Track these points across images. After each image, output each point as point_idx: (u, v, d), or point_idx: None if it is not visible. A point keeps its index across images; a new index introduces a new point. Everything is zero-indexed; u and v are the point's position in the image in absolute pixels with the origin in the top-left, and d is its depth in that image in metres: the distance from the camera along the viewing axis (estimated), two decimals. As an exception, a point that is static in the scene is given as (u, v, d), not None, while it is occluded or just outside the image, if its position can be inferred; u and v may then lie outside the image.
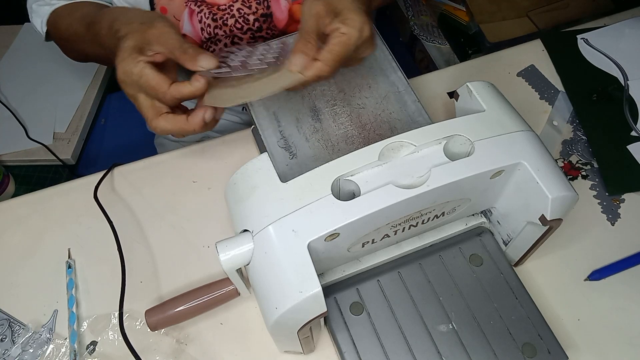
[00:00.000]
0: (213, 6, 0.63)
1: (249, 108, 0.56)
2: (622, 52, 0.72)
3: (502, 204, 0.49)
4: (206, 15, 0.64)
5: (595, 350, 0.50)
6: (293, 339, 0.43)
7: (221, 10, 0.64)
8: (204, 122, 0.49)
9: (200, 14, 0.64)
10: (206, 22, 0.64)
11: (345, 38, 0.45)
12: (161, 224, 0.59)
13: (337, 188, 0.41)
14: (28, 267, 0.57)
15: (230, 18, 0.64)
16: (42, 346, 0.52)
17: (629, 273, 0.54)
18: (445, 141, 0.43)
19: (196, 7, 0.63)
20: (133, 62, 0.46)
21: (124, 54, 0.47)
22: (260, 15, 0.65)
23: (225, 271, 0.41)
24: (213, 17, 0.64)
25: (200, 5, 0.63)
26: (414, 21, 1.35)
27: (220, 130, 0.85)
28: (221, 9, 0.64)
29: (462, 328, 0.47)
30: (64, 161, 1.11)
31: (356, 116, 0.55)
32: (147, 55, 0.47)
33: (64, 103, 1.18)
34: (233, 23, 0.65)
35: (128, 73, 0.47)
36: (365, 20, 0.46)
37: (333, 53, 0.45)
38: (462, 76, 0.71)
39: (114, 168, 0.64)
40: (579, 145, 0.64)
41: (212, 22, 0.64)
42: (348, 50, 0.46)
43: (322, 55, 0.45)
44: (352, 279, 0.50)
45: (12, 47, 1.28)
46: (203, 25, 0.64)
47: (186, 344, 0.51)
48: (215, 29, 0.65)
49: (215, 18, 0.64)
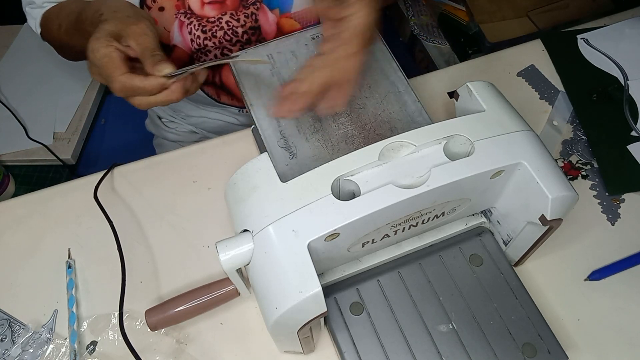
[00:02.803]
0: (202, 18, 0.64)
1: (249, 108, 0.56)
2: (622, 52, 0.72)
3: (502, 204, 0.49)
4: (196, 27, 0.64)
5: (595, 350, 0.50)
6: (293, 339, 0.43)
7: (210, 22, 0.64)
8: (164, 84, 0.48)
9: (190, 26, 0.64)
10: (196, 33, 0.65)
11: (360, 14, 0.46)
12: (161, 224, 0.59)
13: (337, 188, 0.41)
14: (28, 267, 0.57)
15: (219, 30, 0.65)
16: (42, 346, 0.52)
17: (629, 273, 0.54)
18: (445, 141, 0.43)
19: (186, 19, 0.64)
20: (104, 43, 0.46)
21: (99, 34, 0.47)
22: (248, 28, 0.66)
23: (225, 271, 0.41)
24: (202, 29, 0.64)
25: (190, 17, 0.63)
26: (414, 21, 1.35)
27: (219, 131, 0.85)
28: (210, 22, 0.64)
29: (462, 328, 0.47)
30: (64, 161, 1.12)
31: (356, 116, 0.55)
32: (121, 44, 0.47)
33: (64, 103, 1.18)
34: (222, 35, 0.66)
35: (94, 51, 0.46)
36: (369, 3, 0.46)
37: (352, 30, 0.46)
38: (462, 76, 0.71)
39: (114, 168, 0.64)
40: (579, 145, 0.64)
41: (201, 33, 0.65)
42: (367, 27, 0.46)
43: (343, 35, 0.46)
44: (352, 279, 0.50)
45: (12, 47, 1.28)
46: (193, 37, 0.65)
47: (186, 344, 0.51)
48: (204, 41, 0.65)
49: (205, 30, 0.65)
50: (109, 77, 0.47)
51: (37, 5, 0.64)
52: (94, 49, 0.47)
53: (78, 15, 0.56)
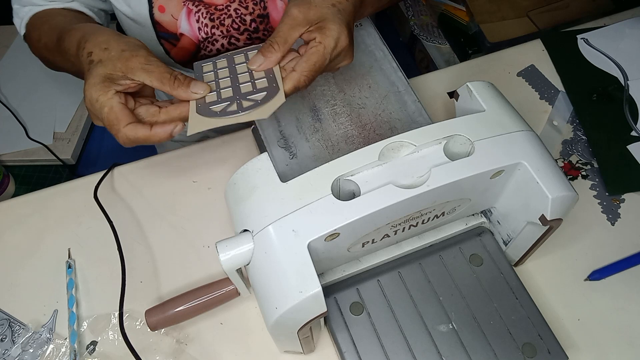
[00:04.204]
0: (210, 6, 0.63)
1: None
2: (622, 52, 0.72)
3: (502, 204, 0.49)
4: (204, 15, 0.64)
5: (595, 350, 0.50)
6: (293, 339, 0.43)
7: (218, 10, 0.64)
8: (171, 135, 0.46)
9: (198, 14, 0.64)
10: (203, 21, 0.64)
11: (321, 47, 0.46)
12: (161, 224, 0.59)
13: (337, 188, 0.41)
14: (28, 267, 0.57)
15: (227, 18, 0.65)
16: (42, 346, 0.52)
17: (629, 273, 0.54)
18: (445, 141, 0.43)
19: (194, 7, 0.63)
20: (102, 91, 0.44)
21: (94, 79, 0.45)
22: (257, 15, 0.65)
23: (225, 271, 0.41)
24: (210, 17, 0.64)
25: (198, 5, 0.63)
26: (414, 21, 1.35)
27: (220, 130, 0.85)
28: (218, 9, 0.64)
29: (462, 328, 0.47)
30: (64, 161, 1.12)
31: (356, 116, 0.55)
32: (120, 84, 0.45)
33: (64, 103, 1.18)
34: (230, 23, 0.65)
35: (92, 101, 0.45)
36: (342, 30, 0.46)
37: (309, 62, 0.46)
38: (462, 76, 0.71)
39: (114, 168, 0.64)
40: (579, 145, 0.64)
41: (209, 21, 0.64)
42: (324, 60, 0.46)
43: (298, 65, 0.46)
44: (352, 279, 0.50)
45: (12, 47, 1.28)
46: (200, 25, 0.65)
47: (186, 344, 0.51)
48: (212, 29, 0.65)
49: (213, 18, 0.64)
50: (111, 128, 0.45)
51: (27, 3, 0.62)
52: (93, 99, 0.45)
53: (60, 39, 0.53)
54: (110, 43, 0.46)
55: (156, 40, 0.66)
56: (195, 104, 0.46)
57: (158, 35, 0.65)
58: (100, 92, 0.44)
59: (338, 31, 0.46)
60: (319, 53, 0.46)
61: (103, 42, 0.47)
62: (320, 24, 0.46)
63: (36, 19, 0.62)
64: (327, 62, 0.46)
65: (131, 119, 0.45)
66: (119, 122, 0.44)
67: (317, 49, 0.46)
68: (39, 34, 0.60)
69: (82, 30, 0.50)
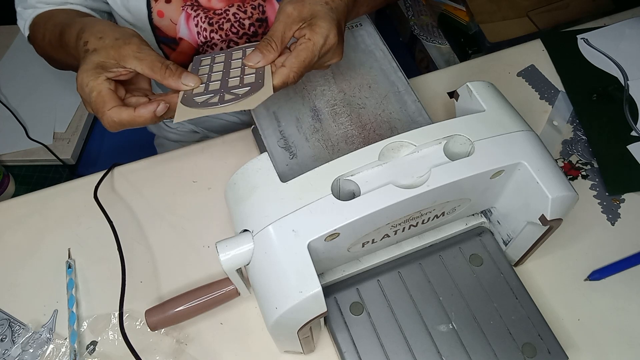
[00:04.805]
0: (209, 10, 0.64)
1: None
2: (622, 52, 0.72)
3: (502, 204, 0.49)
4: (202, 19, 0.64)
5: (595, 350, 0.50)
6: (293, 339, 0.43)
7: (217, 14, 0.64)
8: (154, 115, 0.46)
9: (197, 18, 0.64)
10: (202, 26, 0.64)
11: (310, 44, 0.46)
12: (161, 224, 0.59)
13: (337, 188, 0.41)
14: (28, 267, 0.57)
15: (225, 22, 0.65)
16: (42, 346, 0.52)
17: (629, 273, 0.54)
18: (445, 141, 0.43)
19: (192, 11, 0.63)
20: (93, 76, 0.45)
21: (87, 66, 0.45)
22: (255, 20, 0.65)
23: (225, 271, 0.41)
24: (209, 21, 0.64)
25: (197, 9, 0.63)
26: (414, 21, 1.35)
27: (220, 130, 0.85)
28: (217, 14, 0.64)
29: (462, 328, 0.47)
30: (64, 161, 1.12)
31: (356, 116, 0.55)
32: (112, 71, 0.46)
33: (64, 103, 1.18)
34: (229, 27, 0.65)
35: (83, 85, 0.45)
36: (332, 28, 0.46)
37: (298, 59, 0.46)
38: (462, 76, 0.71)
39: (114, 168, 0.64)
40: (579, 145, 0.64)
41: (208, 26, 0.65)
42: (312, 57, 0.46)
43: (288, 61, 0.46)
44: (352, 279, 0.50)
45: (12, 47, 1.28)
46: (199, 29, 0.65)
47: (186, 344, 0.51)
48: (211, 33, 0.65)
49: (212, 22, 0.64)
50: (97, 112, 0.46)
51: (30, 5, 0.63)
52: (83, 83, 0.45)
53: (62, 33, 0.54)
54: (105, 32, 0.47)
55: (156, 45, 0.66)
56: (182, 95, 0.47)
57: (157, 40, 0.65)
58: (91, 78, 0.45)
59: (327, 29, 0.46)
60: (308, 50, 0.46)
61: (99, 31, 0.47)
62: (311, 21, 0.46)
63: (40, 18, 0.63)
64: (316, 58, 0.47)
65: (117, 102, 0.45)
66: (104, 104, 0.45)
67: (307, 45, 0.46)
68: (43, 32, 0.61)
69: (82, 22, 0.51)
